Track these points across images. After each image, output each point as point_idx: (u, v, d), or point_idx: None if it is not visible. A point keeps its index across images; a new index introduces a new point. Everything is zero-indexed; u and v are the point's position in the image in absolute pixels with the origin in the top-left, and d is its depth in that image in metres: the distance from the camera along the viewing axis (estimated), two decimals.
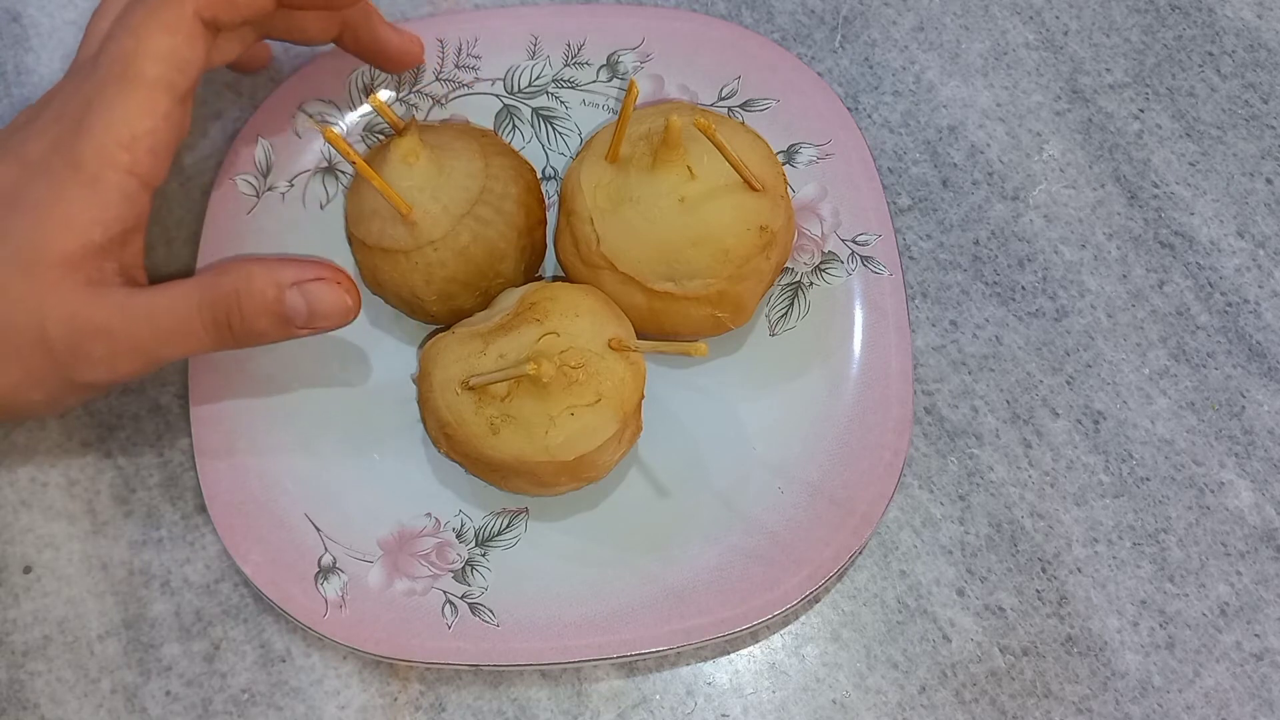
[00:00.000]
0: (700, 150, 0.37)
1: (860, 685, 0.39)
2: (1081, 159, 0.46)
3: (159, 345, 0.35)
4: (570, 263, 0.40)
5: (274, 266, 0.35)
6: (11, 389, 0.35)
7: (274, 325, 0.35)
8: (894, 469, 0.39)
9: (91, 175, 0.34)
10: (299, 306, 0.35)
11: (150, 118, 0.34)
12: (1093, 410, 0.42)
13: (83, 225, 0.34)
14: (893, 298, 0.42)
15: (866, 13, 0.48)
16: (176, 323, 0.34)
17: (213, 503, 0.39)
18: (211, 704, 0.38)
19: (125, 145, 0.34)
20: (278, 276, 0.35)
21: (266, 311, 0.35)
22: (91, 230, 0.34)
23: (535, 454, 0.35)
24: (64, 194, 0.34)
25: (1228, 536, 0.41)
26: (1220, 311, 0.44)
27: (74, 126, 0.34)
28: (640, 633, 0.38)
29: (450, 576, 0.39)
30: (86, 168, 0.34)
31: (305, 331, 0.36)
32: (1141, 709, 0.39)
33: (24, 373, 0.35)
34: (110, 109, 0.34)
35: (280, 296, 0.35)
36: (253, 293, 0.34)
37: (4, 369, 0.34)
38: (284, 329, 0.35)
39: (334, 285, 0.35)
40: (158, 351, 0.35)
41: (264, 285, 0.34)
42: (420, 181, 0.38)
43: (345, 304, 0.35)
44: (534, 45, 0.45)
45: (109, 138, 0.34)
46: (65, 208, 0.34)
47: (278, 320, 0.35)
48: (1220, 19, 0.48)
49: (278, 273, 0.35)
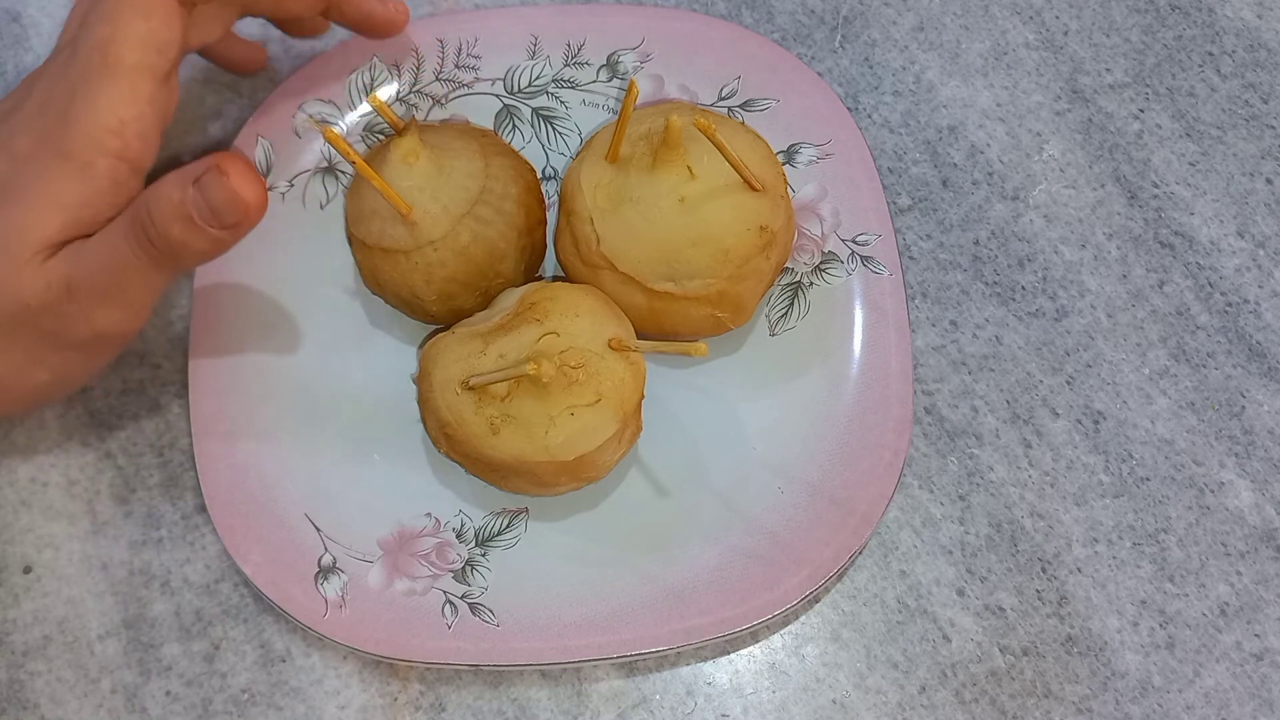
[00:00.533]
0: (700, 150, 0.37)
1: (860, 685, 0.39)
2: (1081, 159, 0.46)
3: (113, 283, 0.34)
4: (570, 263, 0.40)
5: (184, 169, 0.33)
6: (16, 372, 0.35)
7: (187, 230, 0.32)
8: (894, 469, 0.39)
9: (82, 163, 0.33)
10: (200, 205, 0.32)
11: (135, 104, 0.34)
12: (1093, 410, 0.42)
13: (70, 206, 0.34)
14: (893, 298, 0.42)
15: (866, 13, 0.48)
16: (112, 253, 0.33)
17: (213, 503, 0.39)
18: (211, 704, 0.38)
19: (114, 131, 0.34)
20: (183, 177, 0.32)
21: (175, 216, 0.32)
22: (79, 210, 0.34)
23: (535, 454, 0.35)
24: (54, 182, 0.34)
25: (1228, 536, 0.41)
26: (1220, 311, 0.44)
27: (60, 118, 0.34)
28: (640, 633, 0.38)
29: (450, 576, 0.39)
30: (76, 156, 0.33)
31: (225, 233, 0.33)
32: (1141, 709, 0.39)
33: (22, 351, 0.35)
34: (95, 98, 0.34)
35: (183, 198, 0.32)
36: (159, 198, 0.32)
37: (5, 353, 0.35)
38: (199, 233, 0.33)
39: (215, 173, 0.32)
40: (118, 291, 0.34)
41: (170, 189, 0.32)
42: (420, 181, 0.38)
43: (230, 190, 0.32)
44: (534, 45, 0.45)
45: (96, 126, 0.33)
46: (56, 194, 0.33)
47: (188, 225, 0.32)
48: (1220, 19, 0.48)
49: (184, 173, 0.32)
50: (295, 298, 0.42)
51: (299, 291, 0.42)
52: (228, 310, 0.41)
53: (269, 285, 0.42)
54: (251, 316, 0.41)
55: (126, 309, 0.35)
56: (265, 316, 0.42)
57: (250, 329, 0.41)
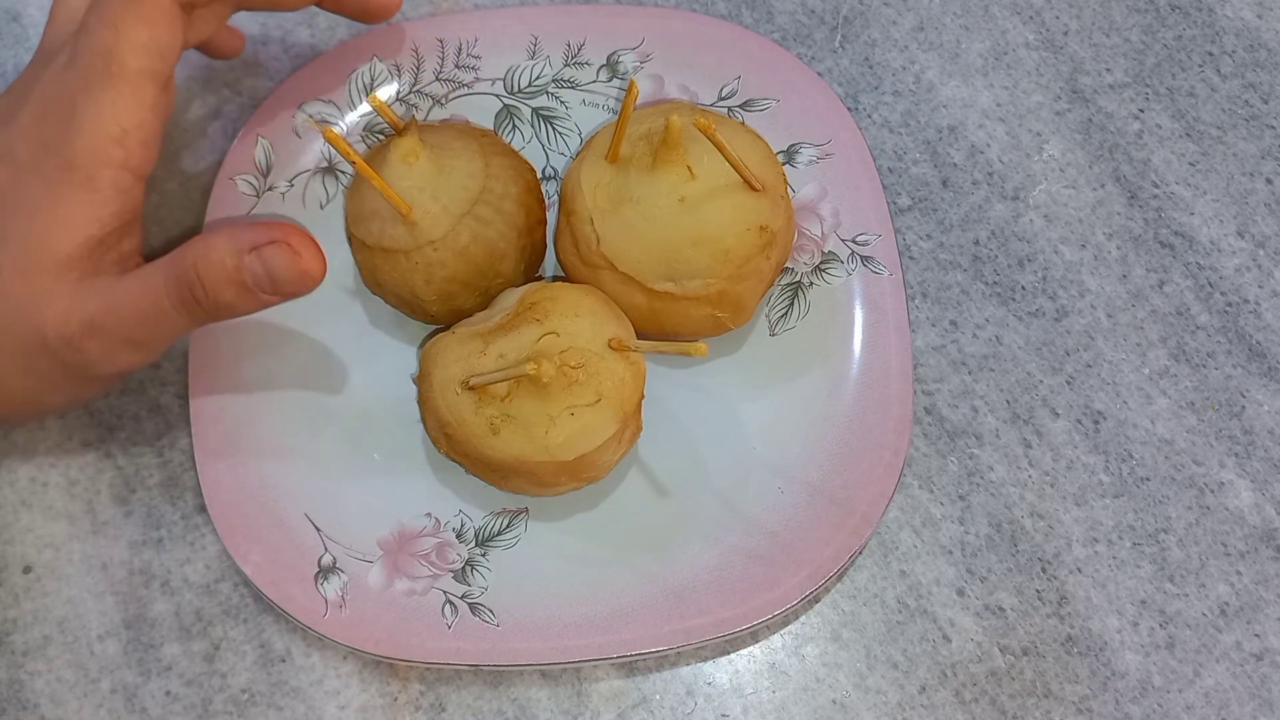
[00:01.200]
0: (700, 150, 0.37)
1: (860, 685, 0.39)
2: (1081, 159, 0.46)
3: (144, 332, 0.34)
4: (570, 263, 0.40)
5: (234, 233, 0.33)
6: (32, 395, 0.35)
7: (239, 296, 0.33)
8: (894, 469, 0.39)
9: (86, 175, 0.33)
10: (259, 273, 0.33)
11: (139, 110, 0.34)
12: (1093, 410, 0.42)
13: (81, 223, 0.33)
14: (893, 298, 0.42)
15: (866, 13, 0.48)
16: (149, 306, 0.33)
17: (213, 503, 0.39)
18: (211, 704, 0.38)
19: (117, 140, 0.34)
20: (237, 244, 0.33)
21: (228, 282, 0.33)
22: (89, 227, 0.34)
23: (535, 454, 0.35)
24: (60, 195, 0.33)
25: (1228, 536, 0.41)
26: (1220, 311, 0.44)
27: (62, 126, 0.34)
28: (640, 633, 0.38)
29: (450, 576, 0.39)
30: (80, 167, 0.33)
31: (275, 299, 0.34)
32: (1141, 709, 0.39)
33: (38, 379, 0.35)
34: (98, 105, 0.33)
35: (239, 265, 0.33)
36: (211, 263, 0.33)
37: (20, 377, 0.35)
38: (251, 298, 0.33)
39: (284, 249, 0.32)
40: (145, 338, 0.34)
41: (222, 255, 0.33)
42: (420, 181, 0.38)
43: (300, 269, 0.33)
44: (534, 45, 0.45)
45: (100, 135, 0.33)
46: (63, 209, 0.33)
47: (241, 290, 0.33)
48: (1220, 19, 0.48)
49: (237, 239, 0.33)
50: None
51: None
52: None
53: None
54: (251, 317, 0.41)
55: (147, 351, 0.35)
56: (265, 317, 0.41)
57: (250, 329, 0.41)
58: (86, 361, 0.34)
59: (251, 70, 0.46)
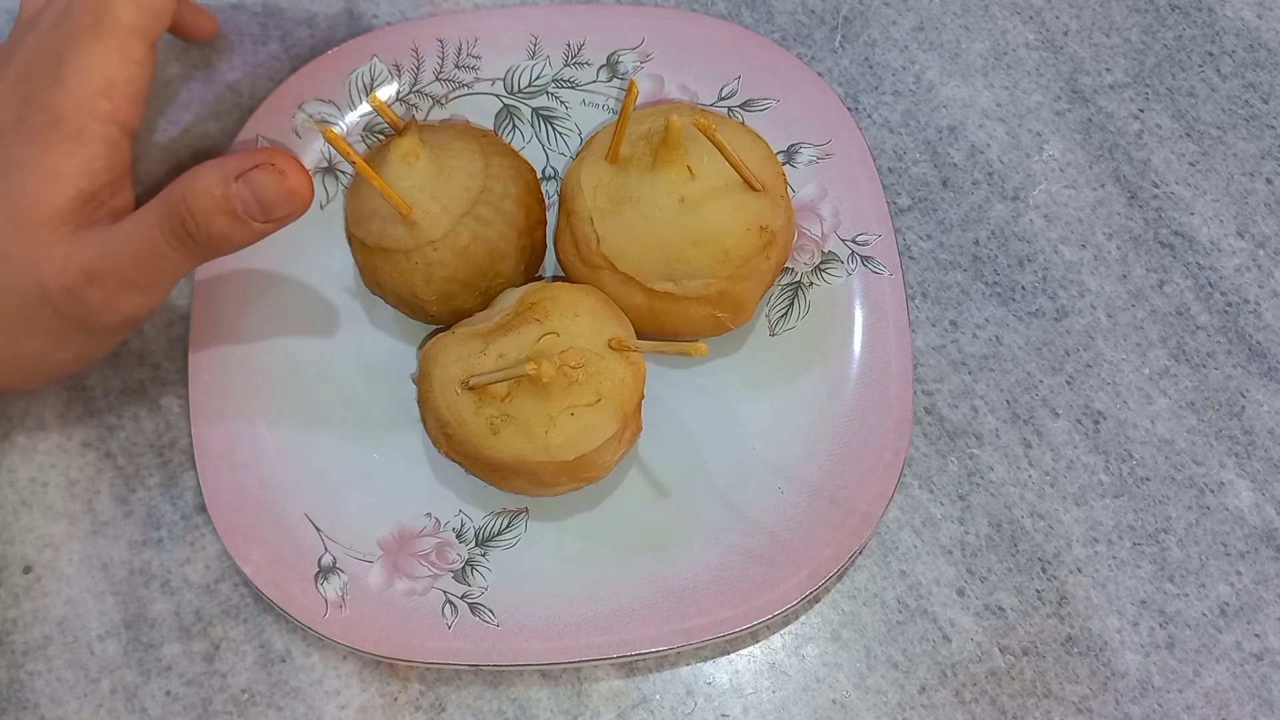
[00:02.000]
0: (700, 150, 0.37)
1: (860, 685, 0.39)
2: (1081, 159, 0.46)
3: (142, 273, 0.34)
4: (570, 263, 0.40)
5: (221, 162, 0.33)
6: (38, 354, 0.35)
7: (231, 224, 0.33)
8: (894, 469, 0.39)
9: (74, 128, 0.33)
10: (248, 199, 0.33)
11: (127, 65, 0.34)
12: (1093, 410, 0.42)
13: (71, 176, 0.33)
14: (893, 298, 0.42)
15: (866, 13, 0.48)
16: (145, 245, 0.33)
17: (213, 503, 0.39)
18: (211, 704, 0.38)
19: (104, 93, 0.33)
20: (223, 171, 0.32)
21: (218, 210, 0.33)
22: (79, 180, 0.34)
23: (535, 454, 0.35)
24: (48, 149, 0.33)
25: (1228, 536, 0.41)
26: (1220, 311, 0.44)
27: (47, 81, 0.34)
28: (640, 633, 0.38)
29: (450, 576, 0.39)
30: (68, 120, 0.33)
31: (268, 225, 0.33)
32: (1141, 709, 0.39)
33: (43, 335, 0.35)
34: (85, 58, 0.33)
35: (227, 193, 0.32)
36: (199, 194, 0.32)
37: (26, 337, 0.34)
38: (242, 226, 0.33)
39: (270, 170, 0.32)
40: (145, 279, 0.34)
41: (209, 184, 0.32)
42: (420, 181, 0.38)
43: (287, 187, 0.33)
44: (534, 45, 0.45)
45: (87, 88, 0.33)
46: (52, 162, 0.33)
47: (232, 218, 0.33)
48: (1220, 19, 0.48)
49: (224, 167, 0.33)
50: (295, 298, 0.42)
51: (299, 292, 0.42)
52: (228, 310, 0.41)
53: (269, 285, 0.42)
54: (251, 317, 0.41)
55: (150, 293, 0.35)
56: (265, 317, 0.41)
57: (250, 329, 0.41)
58: (89, 310, 0.34)
59: (251, 70, 0.46)
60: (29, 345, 0.35)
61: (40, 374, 0.37)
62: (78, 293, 0.34)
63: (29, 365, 0.36)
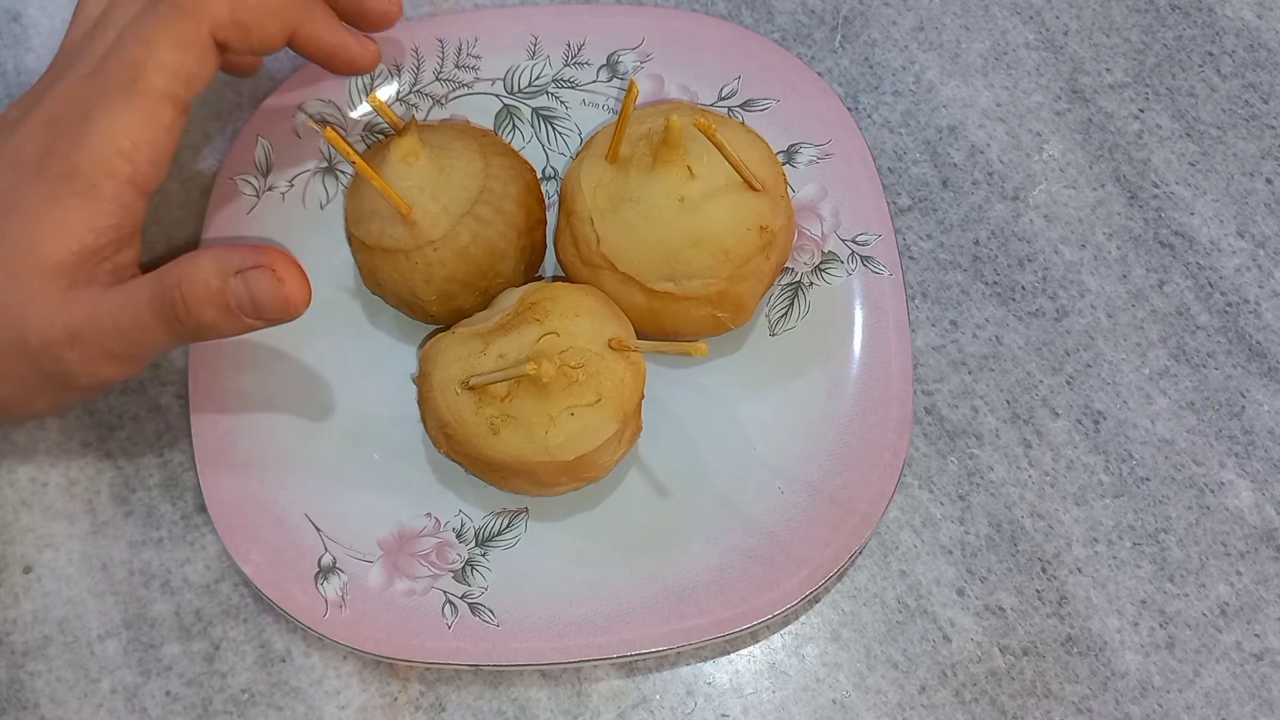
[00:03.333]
0: (700, 150, 0.37)
1: (860, 685, 0.39)
2: (1081, 159, 0.46)
3: (124, 345, 0.34)
4: (570, 263, 0.40)
5: (221, 254, 0.33)
6: (13, 399, 0.35)
7: (221, 316, 0.33)
8: (894, 469, 0.39)
9: (89, 184, 0.33)
10: (242, 296, 0.32)
11: (153, 128, 0.34)
12: (1093, 410, 0.42)
13: (77, 231, 0.33)
14: (893, 298, 0.42)
15: (866, 13, 0.48)
16: (131, 320, 0.33)
17: (213, 503, 0.39)
18: (211, 704, 0.38)
19: (126, 155, 0.33)
20: (223, 264, 0.32)
21: (210, 302, 0.32)
22: (85, 236, 0.33)
23: (535, 454, 0.35)
24: (59, 200, 0.33)
25: (1228, 536, 0.41)
26: (1220, 311, 0.44)
27: (71, 132, 0.34)
28: (640, 633, 0.38)
29: (450, 576, 0.39)
30: (84, 176, 0.33)
31: (258, 323, 0.33)
32: (1141, 709, 0.39)
33: (19, 383, 0.34)
34: (113, 117, 0.33)
35: (224, 286, 0.32)
36: (195, 282, 0.32)
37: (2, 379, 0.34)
38: (233, 320, 0.33)
39: (269, 274, 0.32)
40: (125, 351, 0.34)
41: (207, 275, 0.32)
42: (420, 181, 0.38)
43: (282, 295, 0.32)
44: (534, 45, 0.45)
45: (109, 147, 0.33)
46: (61, 214, 0.33)
47: (223, 311, 0.33)
48: (1220, 19, 0.48)
49: (224, 260, 0.32)
50: None
51: None
52: None
53: None
54: None
55: (129, 364, 0.35)
56: None
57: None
58: (66, 371, 0.34)
59: None
60: (3, 388, 0.35)
61: (11, 416, 0.37)
62: (57, 352, 0.33)
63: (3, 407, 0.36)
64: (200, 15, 0.34)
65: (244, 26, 0.35)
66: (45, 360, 0.34)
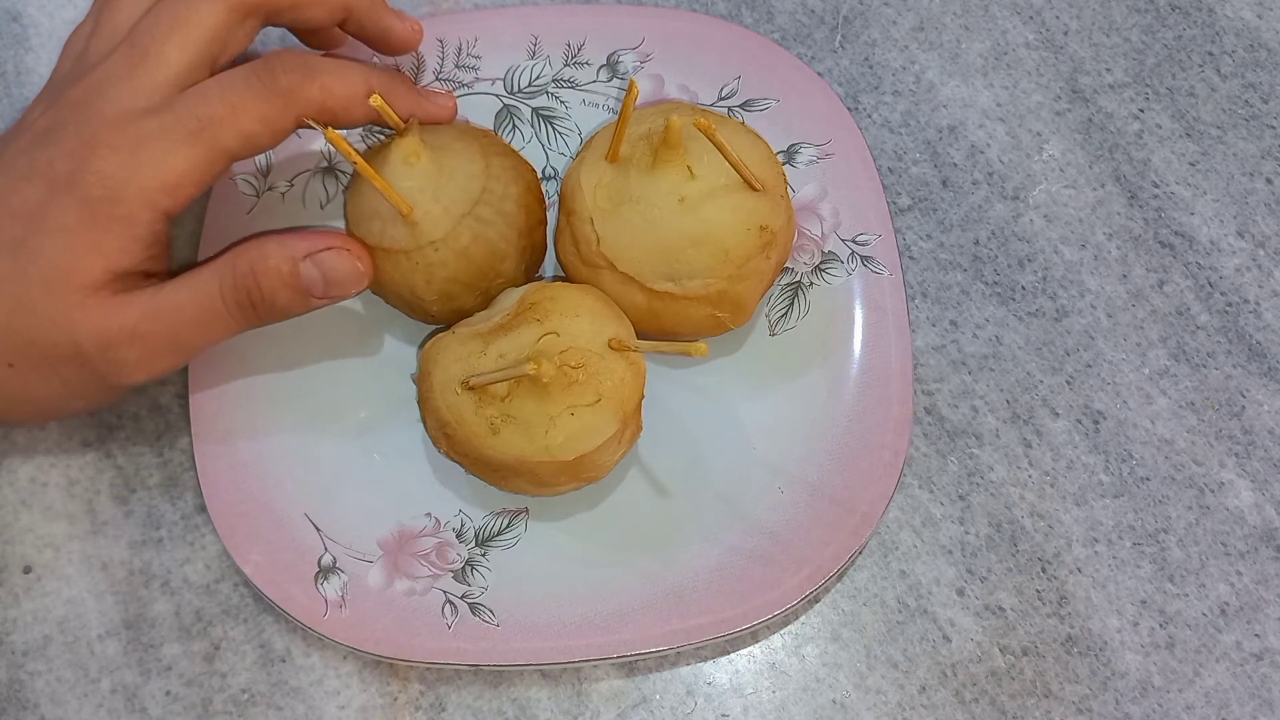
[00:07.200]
0: (700, 150, 0.37)
1: (860, 685, 0.39)
2: (1081, 159, 0.46)
3: (191, 336, 0.35)
4: (570, 263, 0.40)
5: (286, 241, 0.36)
6: (54, 400, 0.36)
7: (294, 298, 0.36)
8: (894, 469, 0.39)
9: (129, 212, 0.34)
10: (314, 277, 0.36)
11: (203, 173, 0.35)
12: (1093, 410, 0.42)
13: (114, 254, 0.34)
14: (893, 298, 0.42)
15: (866, 13, 0.48)
16: (202, 312, 0.35)
17: (213, 503, 0.39)
18: (211, 704, 0.38)
19: (170, 192, 0.34)
20: (291, 251, 0.35)
21: (284, 286, 0.36)
22: (120, 259, 0.34)
23: (535, 454, 0.35)
24: (96, 224, 0.34)
25: (1228, 536, 0.41)
26: (1220, 311, 0.44)
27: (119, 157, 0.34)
28: (640, 633, 0.38)
29: (450, 576, 0.39)
30: (125, 204, 0.34)
31: (324, 301, 0.37)
32: (1141, 709, 0.39)
33: (63, 384, 0.35)
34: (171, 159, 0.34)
35: (295, 270, 0.35)
36: (269, 270, 0.35)
37: (44, 383, 0.35)
38: (304, 300, 0.36)
39: (344, 253, 0.36)
40: (190, 343, 0.36)
41: (279, 261, 0.35)
42: (421, 182, 0.38)
43: (357, 269, 0.36)
44: (534, 45, 0.45)
45: (157, 181, 0.34)
46: (97, 238, 0.34)
47: (296, 293, 0.36)
48: (1220, 19, 0.48)
49: (290, 247, 0.36)
50: None
51: None
52: None
53: None
54: None
55: (184, 356, 0.36)
56: None
57: (250, 330, 0.41)
58: (120, 368, 0.35)
59: None
60: (45, 391, 0.35)
61: (48, 415, 0.39)
62: (115, 352, 0.34)
63: (40, 408, 0.37)
64: (294, 102, 0.35)
65: (330, 112, 0.36)
66: (99, 361, 0.34)
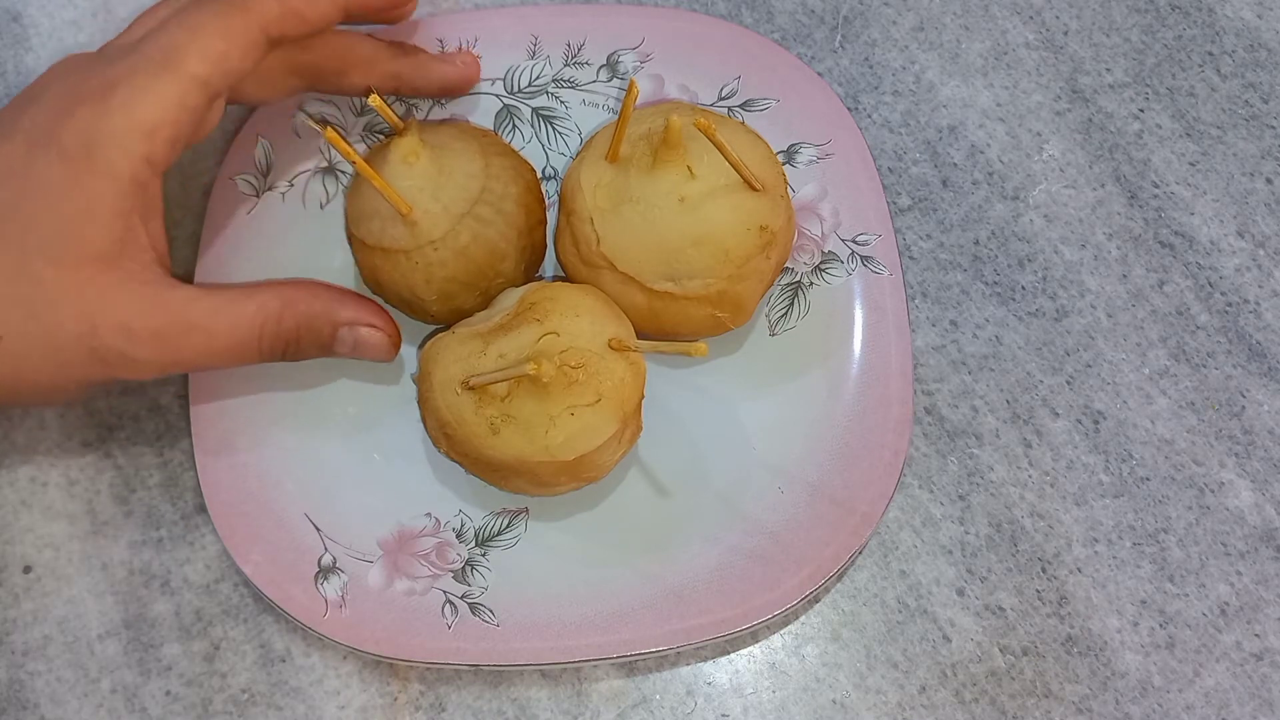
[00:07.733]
0: (700, 150, 0.37)
1: (860, 685, 0.39)
2: (1081, 159, 0.46)
3: (211, 359, 0.35)
4: (570, 263, 0.40)
5: (331, 306, 0.37)
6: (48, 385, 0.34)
7: (320, 352, 0.38)
8: (894, 469, 0.39)
9: (106, 161, 0.33)
10: (347, 342, 0.38)
11: (177, 109, 0.33)
12: (1093, 410, 0.42)
13: (106, 215, 0.33)
14: (893, 298, 0.42)
15: (866, 13, 0.48)
16: (234, 345, 0.35)
17: (213, 503, 0.39)
18: (211, 704, 0.38)
19: (145, 133, 0.33)
20: (335, 317, 0.37)
21: (319, 346, 0.38)
22: (115, 221, 0.33)
23: (535, 454, 0.35)
24: (79, 180, 0.33)
25: (1228, 536, 0.41)
26: (1220, 311, 0.44)
27: (91, 103, 0.33)
28: (640, 633, 0.38)
29: (450, 576, 0.39)
30: (101, 152, 0.33)
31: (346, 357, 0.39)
32: (1141, 709, 0.39)
33: (58, 369, 0.34)
34: (139, 92, 0.33)
35: (334, 334, 0.38)
36: (312, 331, 0.37)
37: (39, 366, 0.34)
38: (328, 354, 0.38)
39: (379, 334, 0.38)
40: (208, 363, 0.36)
41: (321, 325, 0.37)
42: (420, 181, 0.38)
43: (387, 348, 0.39)
44: (534, 45, 0.45)
45: (128, 120, 0.33)
46: (84, 196, 0.33)
47: (325, 350, 0.38)
48: (1220, 19, 0.48)
49: (334, 313, 0.37)
50: None
51: None
52: None
53: None
54: None
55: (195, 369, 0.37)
56: None
57: None
58: (126, 364, 0.34)
59: None
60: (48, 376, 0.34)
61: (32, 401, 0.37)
62: (131, 350, 0.34)
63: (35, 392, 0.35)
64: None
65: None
66: (111, 355, 0.34)
